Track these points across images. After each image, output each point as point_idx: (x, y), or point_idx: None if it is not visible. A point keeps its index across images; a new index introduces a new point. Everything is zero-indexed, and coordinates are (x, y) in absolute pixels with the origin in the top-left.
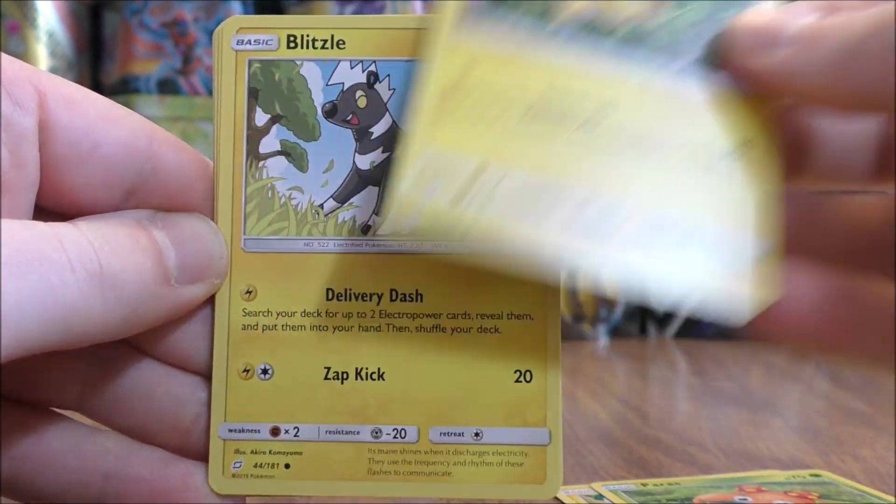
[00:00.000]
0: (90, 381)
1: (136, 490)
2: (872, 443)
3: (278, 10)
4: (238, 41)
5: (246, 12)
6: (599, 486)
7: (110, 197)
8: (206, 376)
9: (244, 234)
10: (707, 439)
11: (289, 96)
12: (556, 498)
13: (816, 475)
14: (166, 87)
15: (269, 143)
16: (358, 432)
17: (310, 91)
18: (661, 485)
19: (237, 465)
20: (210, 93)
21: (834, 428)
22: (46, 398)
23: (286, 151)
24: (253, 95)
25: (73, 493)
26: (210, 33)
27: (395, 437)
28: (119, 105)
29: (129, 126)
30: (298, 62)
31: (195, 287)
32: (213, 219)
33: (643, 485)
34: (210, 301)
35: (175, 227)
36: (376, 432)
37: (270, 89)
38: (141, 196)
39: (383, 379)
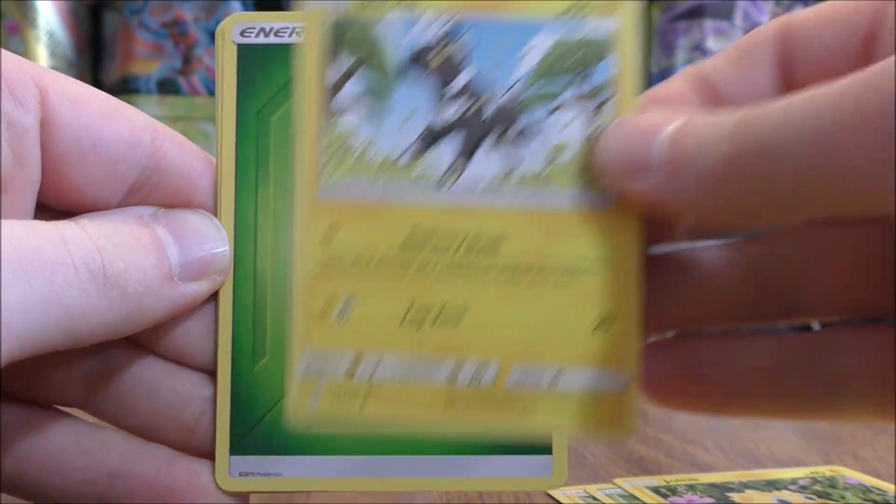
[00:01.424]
0: (94, 378)
1: (140, 488)
2: (872, 443)
3: (279, 9)
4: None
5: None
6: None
7: (113, 194)
8: (210, 373)
9: (320, 183)
10: (707, 439)
11: (367, 50)
12: (553, 498)
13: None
14: (166, 87)
15: (344, 96)
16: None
17: (388, 44)
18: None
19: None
20: (211, 93)
21: (834, 428)
22: (50, 396)
23: (361, 105)
24: (334, 46)
25: (78, 491)
26: (210, 33)
27: (474, 375)
28: (121, 102)
29: (131, 123)
30: (378, 16)
31: (198, 284)
32: (216, 215)
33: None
34: (213, 297)
35: (178, 224)
36: (455, 368)
37: (347, 43)
38: (144, 193)
39: (461, 324)
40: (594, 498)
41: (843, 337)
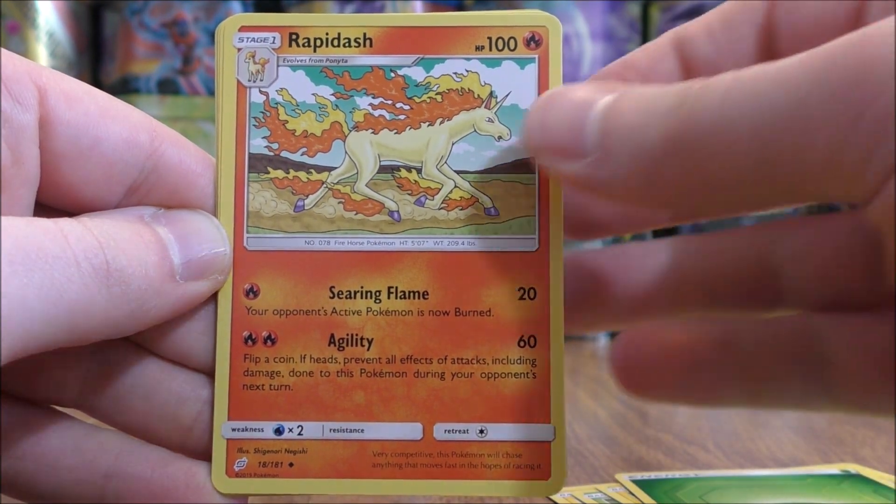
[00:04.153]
0: (91, 378)
1: (136, 489)
2: (872, 443)
3: (279, 10)
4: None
5: (246, 12)
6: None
7: (112, 194)
8: (209, 374)
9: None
10: (707, 439)
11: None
12: (550, 498)
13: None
14: (166, 87)
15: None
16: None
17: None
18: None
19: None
20: (210, 93)
21: (834, 428)
22: (47, 396)
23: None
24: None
25: (74, 492)
26: (210, 33)
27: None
28: (120, 101)
29: (130, 122)
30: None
31: (199, 283)
32: (215, 215)
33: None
34: (213, 298)
35: (178, 224)
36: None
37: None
38: (143, 193)
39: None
40: (606, 496)
41: (823, 323)
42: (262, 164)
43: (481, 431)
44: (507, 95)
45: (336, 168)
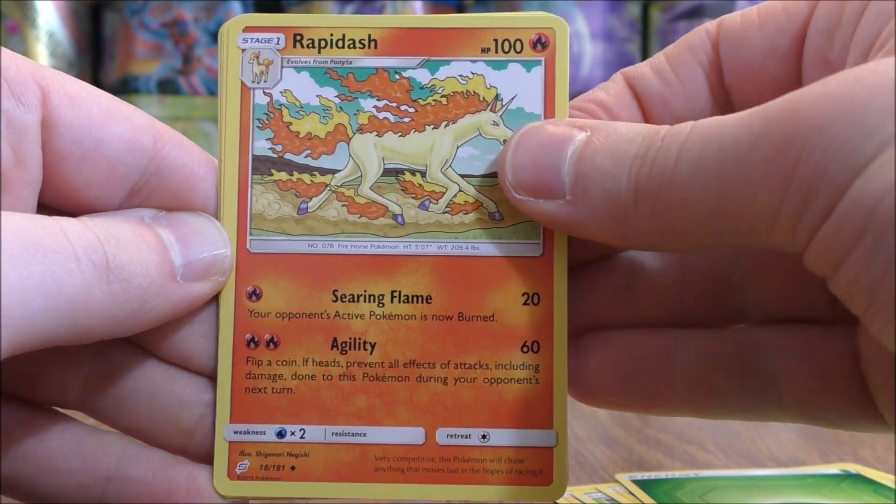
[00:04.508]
0: (93, 380)
1: (137, 492)
2: (872, 443)
3: (278, 10)
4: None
5: (246, 12)
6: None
7: (113, 195)
8: (211, 377)
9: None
10: (707, 439)
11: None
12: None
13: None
14: (166, 87)
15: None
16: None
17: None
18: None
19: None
20: (211, 93)
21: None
22: (49, 397)
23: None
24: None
25: (75, 494)
26: (210, 33)
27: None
28: (123, 102)
29: (132, 123)
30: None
31: (200, 284)
32: (217, 217)
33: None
34: (214, 300)
35: (180, 226)
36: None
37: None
38: (144, 194)
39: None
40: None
41: (774, 337)
42: (266, 166)
43: (483, 437)
44: (512, 98)
45: (340, 171)
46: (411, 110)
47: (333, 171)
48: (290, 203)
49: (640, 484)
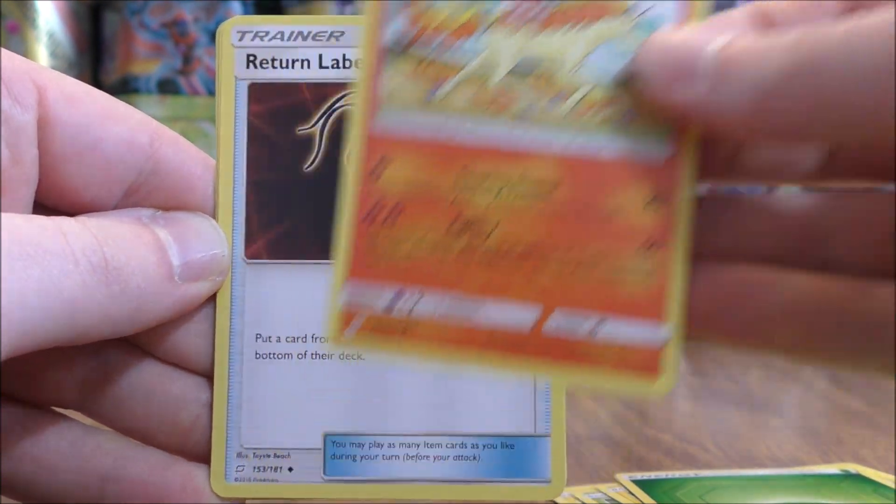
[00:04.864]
0: (90, 380)
1: (134, 492)
2: (872, 443)
3: (278, 10)
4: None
5: (246, 12)
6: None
7: (110, 195)
8: (208, 377)
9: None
10: (707, 439)
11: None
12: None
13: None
14: (166, 87)
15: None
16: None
17: None
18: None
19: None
20: (210, 93)
21: (834, 428)
22: (46, 397)
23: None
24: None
25: (72, 494)
26: (210, 33)
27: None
28: (120, 102)
29: (129, 123)
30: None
31: (198, 284)
32: (214, 217)
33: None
34: (212, 300)
35: (177, 226)
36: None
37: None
38: (142, 194)
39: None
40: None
41: (876, 288)
42: (399, 48)
43: (598, 323)
44: (650, 8)
45: (473, 61)
46: (550, 8)
47: (466, 61)
48: (421, 87)
49: (640, 484)
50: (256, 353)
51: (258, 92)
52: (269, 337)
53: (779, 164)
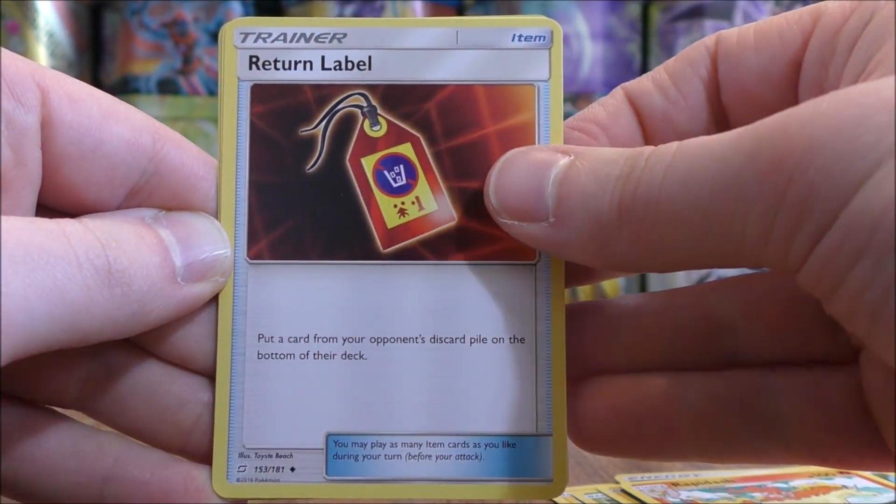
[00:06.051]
0: (91, 379)
1: (135, 492)
2: None
3: (278, 10)
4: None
5: (246, 12)
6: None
7: (113, 195)
8: (210, 377)
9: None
10: None
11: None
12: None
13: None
14: (166, 87)
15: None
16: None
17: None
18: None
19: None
20: (211, 93)
21: None
22: (47, 397)
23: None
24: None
25: (73, 494)
26: (210, 33)
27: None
28: (123, 102)
29: (132, 123)
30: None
31: (201, 285)
32: (217, 217)
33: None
34: (214, 300)
35: (180, 226)
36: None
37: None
38: (144, 195)
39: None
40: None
41: (776, 379)
42: None
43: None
44: None
45: None
46: None
47: None
48: None
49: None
50: (259, 354)
51: (261, 93)
52: (272, 337)
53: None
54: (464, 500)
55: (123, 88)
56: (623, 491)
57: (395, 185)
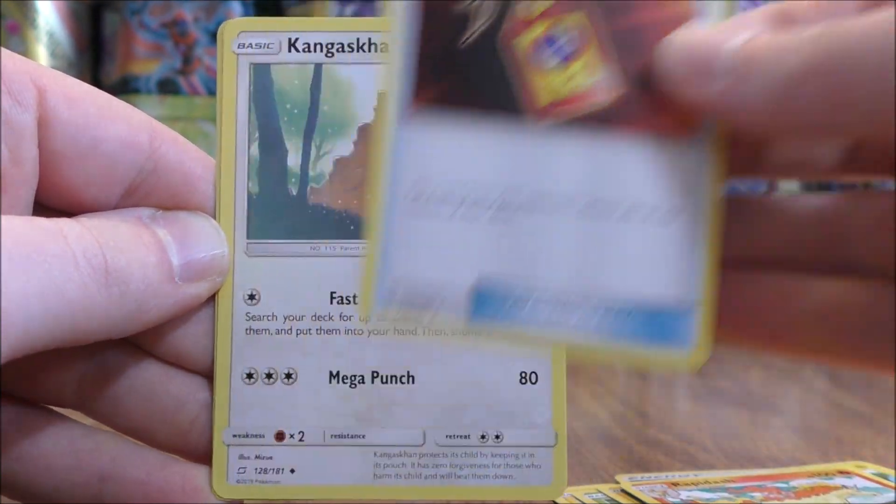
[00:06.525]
0: (89, 379)
1: (132, 492)
2: (872, 443)
3: (278, 10)
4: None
5: (246, 12)
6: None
7: (110, 194)
8: (208, 377)
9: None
10: (707, 439)
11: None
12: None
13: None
14: (166, 87)
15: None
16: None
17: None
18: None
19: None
20: (210, 92)
21: (834, 428)
22: (45, 397)
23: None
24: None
25: (70, 493)
26: (210, 33)
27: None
28: (121, 101)
29: (129, 122)
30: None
31: (198, 285)
32: (215, 217)
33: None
34: (212, 300)
35: (177, 225)
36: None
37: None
38: (142, 194)
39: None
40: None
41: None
42: None
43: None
44: None
45: None
46: None
47: None
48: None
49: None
50: (414, 200)
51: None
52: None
53: (802, 159)
54: (464, 501)
55: (123, 88)
56: (623, 491)
57: (560, 54)
